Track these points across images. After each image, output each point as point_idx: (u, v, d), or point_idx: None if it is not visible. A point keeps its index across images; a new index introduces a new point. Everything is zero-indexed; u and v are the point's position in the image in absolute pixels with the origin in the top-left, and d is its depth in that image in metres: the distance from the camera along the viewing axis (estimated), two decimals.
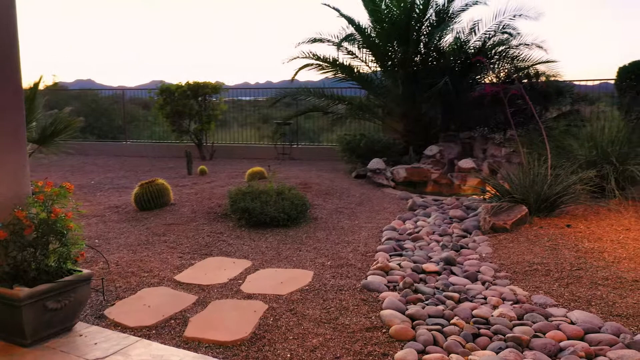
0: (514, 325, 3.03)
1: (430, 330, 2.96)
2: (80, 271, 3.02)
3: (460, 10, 9.07)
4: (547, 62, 8.62)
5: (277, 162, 11.19)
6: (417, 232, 5.20)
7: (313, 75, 10.76)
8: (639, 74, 7.13)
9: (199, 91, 11.35)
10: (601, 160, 5.53)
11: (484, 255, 4.47)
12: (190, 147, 11.87)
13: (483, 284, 3.82)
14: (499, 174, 7.78)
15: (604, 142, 5.77)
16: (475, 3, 9.20)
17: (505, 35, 8.76)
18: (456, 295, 3.52)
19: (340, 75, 9.88)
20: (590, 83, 9.35)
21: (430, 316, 3.19)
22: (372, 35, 9.47)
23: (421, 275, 3.98)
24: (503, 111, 9.06)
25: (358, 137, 9.21)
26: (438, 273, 4.06)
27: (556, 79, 8.47)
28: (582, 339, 2.87)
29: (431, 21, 9.06)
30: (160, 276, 4.04)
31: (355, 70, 9.87)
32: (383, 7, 9.10)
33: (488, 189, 6.99)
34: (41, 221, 2.86)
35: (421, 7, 8.92)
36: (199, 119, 11.57)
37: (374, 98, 10.37)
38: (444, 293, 3.57)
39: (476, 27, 8.98)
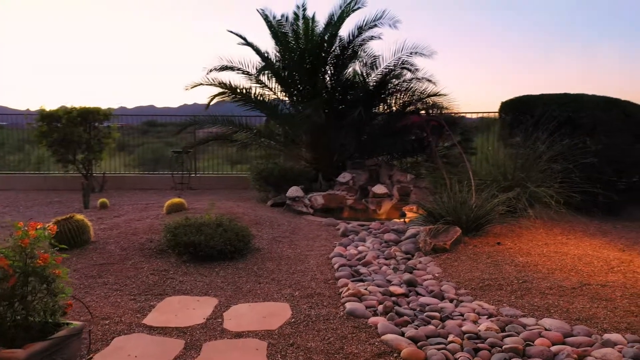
0: (503, 337, 3.31)
1: (438, 350, 3.11)
2: (70, 323, 2.65)
3: (361, 44, 9.64)
4: (440, 94, 9.54)
5: (176, 192, 10.72)
6: (364, 257, 5.37)
7: (220, 101, 10.29)
8: (519, 109, 8.19)
9: (89, 117, 10.48)
10: (514, 184, 6.26)
11: (436, 274, 4.78)
12: (76, 178, 10.88)
13: (451, 301, 4.10)
14: (411, 197, 8.39)
15: (512, 168, 6.55)
16: (371, 38, 9.86)
17: (405, 71, 9.53)
18: (437, 314, 3.74)
19: (249, 104, 9.85)
20: (480, 115, 10.55)
21: (427, 337, 3.34)
22: (280, 65, 9.65)
23: (393, 298, 4.14)
24: (403, 140, 9.84)
25: (271, 165, 9.24)
26: (405, 295, 4.25)
27: (449, 111, 9.40)
28: (563, 343, 3.24)
29: (337, 54, 9.52)
30: (125, 322, 3.67)
31: (265, 99, 9.94)
32: (291, 38, 9.35)
33: (409, 214, 7.49)
34: (27, 269, 2.47)
35: (327, 41, 9.34)
36: (88, 148, 10.65)
37: (280, 126, 10.51)
38: (426, 313, 3.76)
39: (378, 62, 9.63)
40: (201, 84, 9.88)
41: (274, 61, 9.68)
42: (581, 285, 4.25)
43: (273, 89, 9.97)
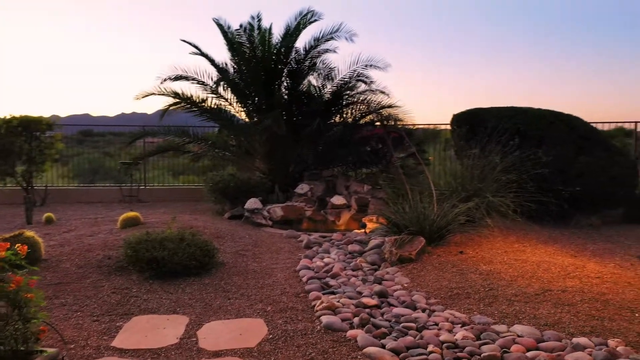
0: (480, 345, 3.40)
1: None
2: (44, 351, 2.47)
3: (317, 56, 9.70)
4: (395, 106, 9.73)
5: (125, 205, 10.32)
6: (332, 269, 5.36)
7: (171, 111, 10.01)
8: (472, 121, 8.50)
9: (31, 127, 9.89)
10: (472, 195, 6.47)
11: (405, 285, 4.85)
12: (15, 191, 10.24)
13: (423, 311, 4.16)
14: (370, 208, 8.48)
15: (469, 179, 6.77)
16: (326, 51, 9.93)
17: (360, 83, 9.67)
18: (413, 324, 3.78)
19: (204, 114, 9.66)
20: (432, 126, 10.85)
21: (408, 348, 3.37)
22: (237, 76, 9.54)
23: (367, 310, 4.15)
24: (359, 151, 9.97)
25: (227, 177, 9.08)
26: (378, 306, 4.28)
27: (404, 122, 9.61)
28: (537, 349, 3.36)
29: (293, 66, 9.53)
30: (92, 345, 3.46)
31: (221, 109, 9.78)
32: (247, 49, 9.27)
33: (370, 224, 7.56)
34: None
35: (284, 52, 9.34)
36: (29, 159, 10.05)
37: (235, 137, 10.37)
38: (402, 324, 3.79)
39: (334, 74, 9.71)
40: (153, 93, 9.60)
41: (231, 72, 9.56)
42: (543, 292, 4.44)
43: (229, 100, 9.83)
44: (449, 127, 9.21)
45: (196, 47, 9.58)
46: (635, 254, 6.08)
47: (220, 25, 9.53)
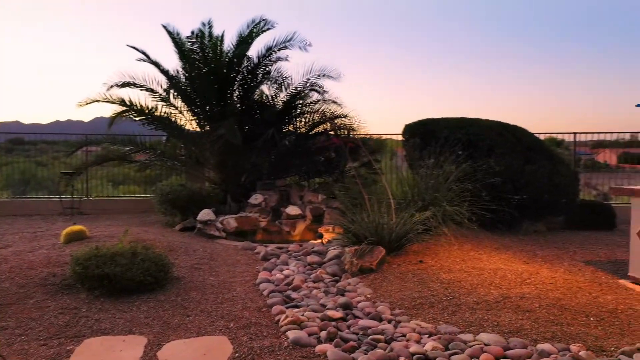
0: (450, 355, 3.40)
1: None
2: None
3: (270, 65, 9.60)
4: (348, 116, 9.79)
5: (66, 218, 9.77)
6: (292, 282, 5.25)
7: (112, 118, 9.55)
8: (424, 132, 8.68)
9: None
10: (428, 204, 6.56)
11: (368, 295, 4.81)
12: None
13: (389, 322, 4.13)
14: (325, 218, 8.43)
15: (424, 188, 6.87)
16: (278, 59, 9.83)
17: (314, 92, 9.65)
18: (381, 337, 3.74)
19: (154, 123, 9.32)
20: (385, 136, 10.98)
21: None
22: (188, 85, 9.28)
23: (333, 323, 4.07)
24: (313, 160, 9.93)
25: (178, 187, 8.78)
26: (344, 319, 4.21)
27: (358, 132, 9.67)
28: (504, 357, 3.40)
29: (246, 74, 9.38)
30: None
31: (171, 118, 9.47)
32: (198, 57, 9.05)
33: (326, 235, 7.51)
34: None
35: (236, 61, 9.18)
36: None
37: (185, 146, 10.08)
38: (370, 337, 3.74)
39: (287, 83, 9.64)
40: (97, 100, 9.16)
41: (182, 80, 9.28)
42: (503, 299, 4.53)
43: (179, 108, 9.53)
44: (397, 137, 9.36)
45: (144, 53, 9.25)
46: (581, 259, 6.37)
47: (169, 32, 9.24)
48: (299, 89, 9.65)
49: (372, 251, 5.63)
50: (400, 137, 9.48)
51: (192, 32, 8.80)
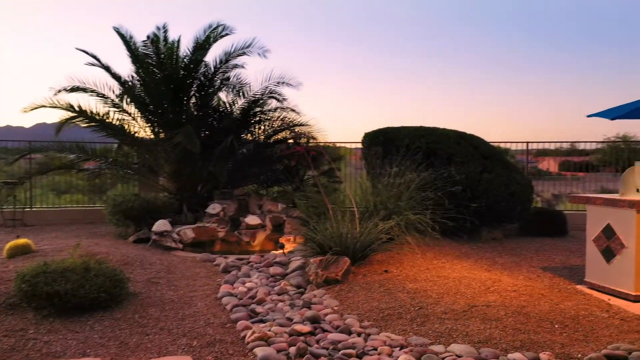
0: None
1: None
2: None
3: (228, 71, 9.40)
4: (307, 124, 9.72)
5: (7, 230, 9.16)
6: (256, 295, 5.08)
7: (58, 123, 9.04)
8: (382, 140, 8.69)
9: None
10: (392, 213, 6.53)
11: (335, 307, 4.71)
12: None
13: (359, 335, 4.03)
14: (286, 228, 8.28)
15: (387, 197, 6.85)
16: (235, 66, 9.65)
17: (272, 100, 9.52)
18: (352, 351, 3.64)
19: (105, 130, 8.91)
20: (345, 145, 10.96)
21: None
22: (142, 91, 8.94)
23: (301, 338, 3.94)
24: (272, 169, 9.78)
25: (131, 197, 8.41)
26: (312, 333, 4.09)
27: (318, 140, 9.60)
28: None
29: (203, 81, 9.14)
30: None
31: (124, 125, 9.09)
32: (153, 62, 8.74)
33: (288, 245, 7.37)
34: None
35: (193, 67, 8.94)
36: None
37: (138, 154, 9.70)
38: (341, 352, 3.64)
39: (246, 90, 9.46)
40: (44, 105, 8.69)
41: (136, 85, 8.93)
42: (470, 308, 4.53)
43: (133, 115, 9.17)
44: (351, 145, 9.38)
45: (94, 57, 8.86)
46: (538, 265, 6.51)
47: (121, 35, 8.89)
48: (257, 96, 9.50)
49: (337, 261, 5.54)
50: (354, 145, 9.49)
51: (147, 37, 8.49)
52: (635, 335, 4.01)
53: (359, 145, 9.59)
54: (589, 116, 6.86)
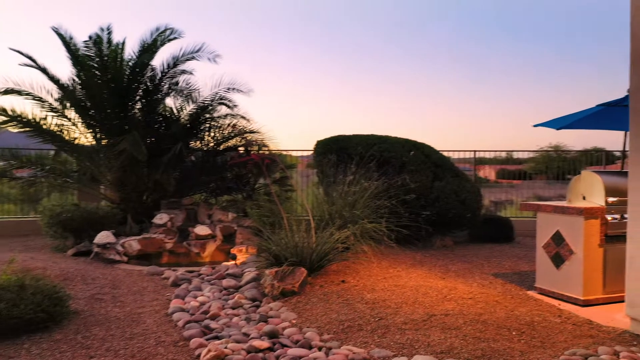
0: None
1: None
2: None
3: (176, 76, 9.08)
4: (258, 132, 9.53)
5: None
6: (210, 310, 4.85)
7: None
8: (335, 148, 8.66)
9: None
10: (347, 221, 6.46)
11: (293, 321, 4.55)
12: None
13: (320, 349, 3.90)
14: (237, 238, 8.04)
15: (342, 206, 6.78)
16: (183, 72, 9.35)
17: (223, 106, 9.28)
18: None
19: (42, 136, 8.35)
20: (297, 153, 10.82)
21: None
22: (83, 94, 8.46)
23: (260, 354, 3.76)
24: (222, 177, 9.51)
25: (71, 207, 7.91)
26: (271, 349, 3.92)
27: (269, 148, 9.42)
28: None
29: (150, 85, 8.78)
30: None
31: (63, 131, 8.55)
32: (95, 64, 8.30)
33: (240, 256, 7.14)
34: None
35: (139, 71, 8.56)
36: None
37: (79, 162, 9.17)
38: None
39: (195, 96, 9.17)
40: None
41: (77, 89, 8.43)
42: (429, 317, 4.50)
43: (73, 120, 8.65)
44: (302, 153, 9.29)
45: (30, 57, 8.31)
46: (489, 272, 6.63)
47: (61, 35, 8.39)
48: (207, 102, 9.23)
49: (293, 272, 5.38)
50: (303, 153, 9.41)
51: (90, 37, 8.05)
52: (588, 339, 4.10)
53: (307, 153, 9.53)
54: (535, 126, 7.11)
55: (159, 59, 8.77)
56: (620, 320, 4.54)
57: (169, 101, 9.24)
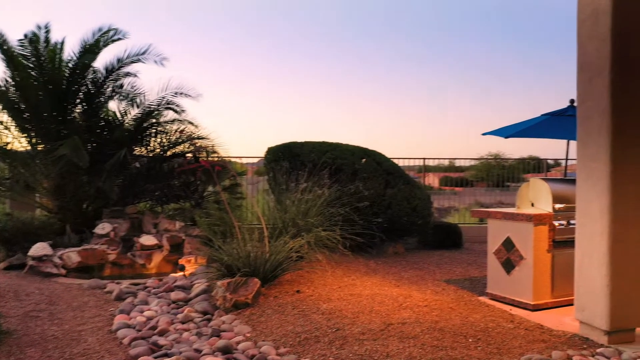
0: None
1: None
2: None
3: (120, 79, 8.69)
4: (207, 138, 9.25)
5: None
6: (158, 325, 4.58)
7: None
8: (286, 155, 8.54)
9: None
10: (301, 230, 6.33)
11: (247, 334, 4.38)
12: None
13: None
14: (185, 248, 7.74)
15: (295, 214, 6.65)
16: (127, 75, 8.96)
17: (170, 111, 8.95)
18: None
19: None
20: (246, 160, 10.58)
21: None
22: (16, 96, 7.91)
23: None
24: (169, 185, 9.16)
25: (3, 217, 7.35)
26: None
27: (218, 155, 9.17)
28: None
29: (92, 88, 8.34)
30: None
31: None
32: (31, 64, 7.79)
33: (189, 266, 6.85)
34: None
35: (79, 72, 8.12)
36: None
37: (11, 169, 8.56)
38: None
39: (141, 100, 8.79)
40: None
41: (10, 90, 7.87)
42: (386, 326, 4.44)
43: (5, 124, 8.08)
44: (251, 160, 9.11)
45: None
46: (441, 278, 6.69)
47: None
48: (153, 106, 8.87)
49: (246, 283, 5.20)
50: (251, 160, 9.24)
51: (25, 35, 7.55)
52: (541, 344, 4.17)
53: (254, 160, 9.36)
54: (484, 134, 7.27)
55: (102, 61, 8.39)
56: (570, 324, 4.66)
57: (113, 105, 8.84)
